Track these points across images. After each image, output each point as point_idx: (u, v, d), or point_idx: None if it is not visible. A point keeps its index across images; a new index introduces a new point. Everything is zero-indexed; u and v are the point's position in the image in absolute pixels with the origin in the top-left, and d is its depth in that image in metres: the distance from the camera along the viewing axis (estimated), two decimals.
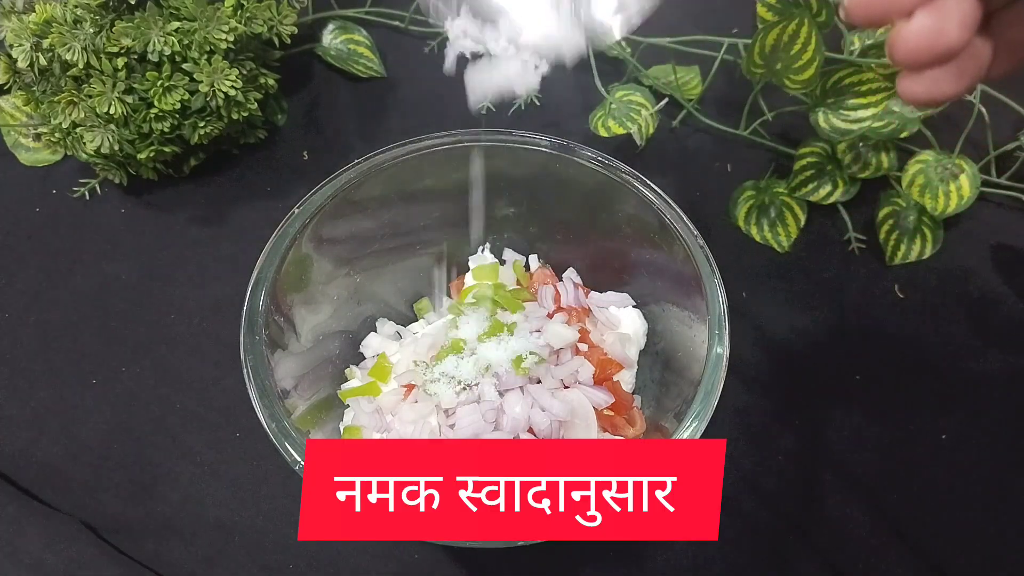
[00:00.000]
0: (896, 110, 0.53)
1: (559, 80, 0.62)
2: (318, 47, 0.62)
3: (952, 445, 0.50)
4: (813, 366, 0.52)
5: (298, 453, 0.36)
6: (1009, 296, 0.55)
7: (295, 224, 0.42)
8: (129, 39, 0.48)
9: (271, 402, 0.37)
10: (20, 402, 0.49)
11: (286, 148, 0.59)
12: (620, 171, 0.43)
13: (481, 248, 0.50)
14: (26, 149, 0.58)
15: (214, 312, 0.52)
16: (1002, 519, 0.47)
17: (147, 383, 0.50)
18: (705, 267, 0.40)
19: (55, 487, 0.47)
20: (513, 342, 0.42)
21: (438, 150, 0.44)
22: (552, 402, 0.41)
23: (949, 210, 0.54)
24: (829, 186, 0.57)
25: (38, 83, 0.51)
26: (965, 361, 0.52)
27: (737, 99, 0.61)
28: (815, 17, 0.51)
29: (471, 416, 0.41)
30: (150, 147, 0.51)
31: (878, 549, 0.46)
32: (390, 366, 0.45)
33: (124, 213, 0.56)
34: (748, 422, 0.50)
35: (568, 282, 0.48)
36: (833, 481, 0.48)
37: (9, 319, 0.52)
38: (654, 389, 0.45)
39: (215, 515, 0.46)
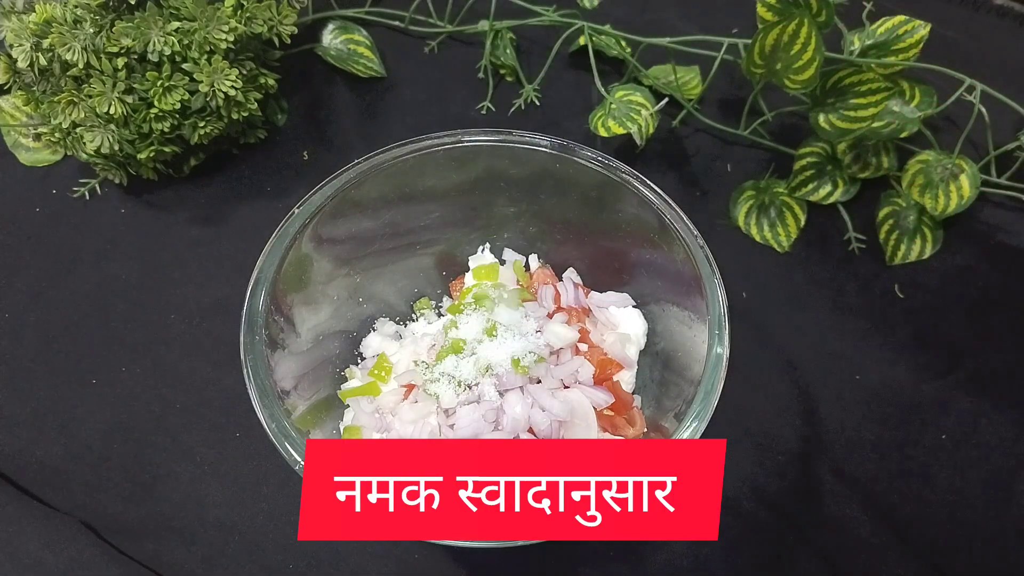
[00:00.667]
0: (896, 110, 0.53)
1: (559, 80, 0.63)
2: (318, 47, 0.62)
3: (952, 445, 0.50)
4: (813, 366, 0.52)
5: (298, 453, 0.36)
6: (1009, 296, 0.55)
7: (295, 224, 0.42)
8: (129, 39, 0.48)
9: (271, 402, 0.37)
10: (20, 402, 0.49)
11: (286, 148, 0.59)
12: (620, 171, 0.43)
13: (481, 248, 0.50)
14: (26, 149, 0.58)
15: (214, 312, 0.52)
16: (1002, 519, 0.47)
17: (147, 383, 0.50)
18: (705, 267, 0.40)
19: (55, 487, 0.47)
20: (513, 342, 0.42)
21: (438, 150, 0.44)
22: (552, 402, 0.41)
23: (949, 210, 0.54)
24: (829, 186, 0.57)
25: (38, 83, 0.51)
26: (965, 361, 0.52)
27: (737, 99, 0.61)
28: (815, 17, 0.51)
29: (471, 416, 0.41)
30: (150, 147, 0.51)
31: (878, 549, 0.46)
32: (390, 366, 0.45)
33: (124, 213, 0.56)
34: (748, 422, 0.50)
35: (568, 282, 0.48)
36: (833, 481, 0.48)
37: (9, 319, 0.52)
38: (654, 389, 0.45)
39: (215, 515, 0.46)
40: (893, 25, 0.53)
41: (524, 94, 0.61)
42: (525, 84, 0.61)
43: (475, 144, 0.44)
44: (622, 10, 0.64)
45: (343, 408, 0.45)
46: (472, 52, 0.63)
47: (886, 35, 0.53)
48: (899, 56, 0.53)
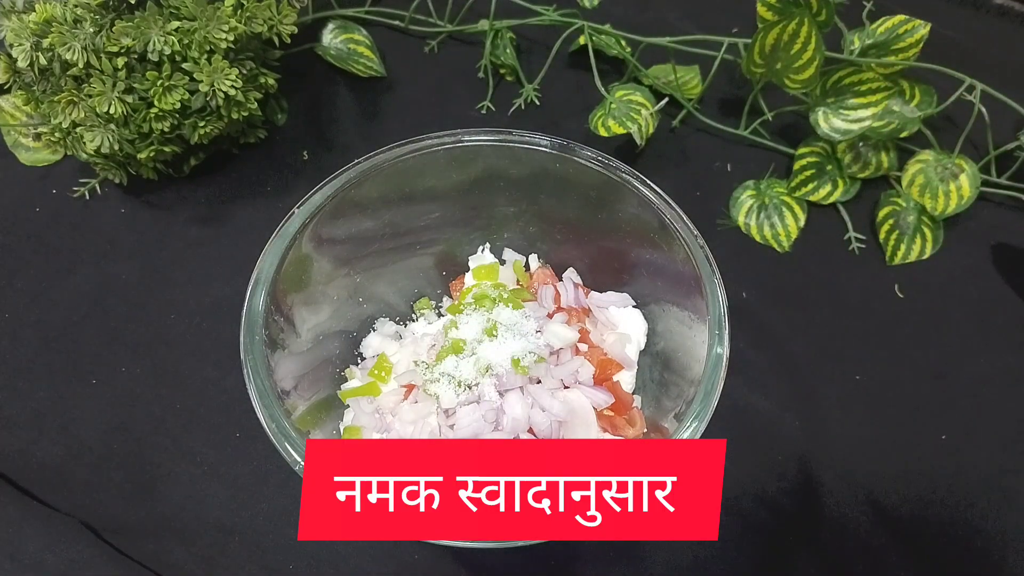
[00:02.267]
0: (896, 110, 0.53)
1: (559, 80, 0.63)
2: (318, 47, 0.62)
3: (952, 445, 0.50)
4: (813, 366, 0.52)
5: (298, 453, 0.36)
6: (1009, 296, 0.55)
7: (295, 224, 0.42)
8: (129, 39, 0.48)
9: (271, 402, 0.37)
10: (20, 402, 0.49)
11: (286, 148, 0.59)
12: (620, 171, 0.43)
13: (481, 248, 0.50)
14: (26, 149, 0.58)
15: (214, 312, 0.52)
16: (1002, 519, 0.47)
17: (147, 383, 0.50)
18: (705, 267, 0.40)
19: (55, 487, 0.47)
20: (513, 342, 0.42)
21: (438, 150, 0.44)
22: (552, 402, 0.41)
23: (949, 210, 0.55)
24: (829, 186, 0.57)
25: (38, 83, 0.51)
26: (965, 361, 0.52)
27: (737, 99, 0.61)
28: (815, 17, 0.51)
29: (471, 416, 0.41)
30: (150, 147, 0.51)
31: (878, 549, 0.46)
32: (390, 366, 0.45)
33: (124, 213, 0.56)
34: (748, 422, 0.50)
35: (568, 282, 0.48)
36: (833, 481, 0.48)
37: (9, 319, 0.52)
38: (654, 389, 0.45)
39: (215, 515, 0.46)
40: (893, 25, 0.53)
41: (524, 94, 0.61)
42: (525, 84, 0.61)
43: (475, 144, 0.44)
44: (622, 10, 0.64)
45: (343, 408, 0.45)
46: (472, 52, 0.63)
47: (886, 35, 0.53)
48: (899, 56, 0.53)
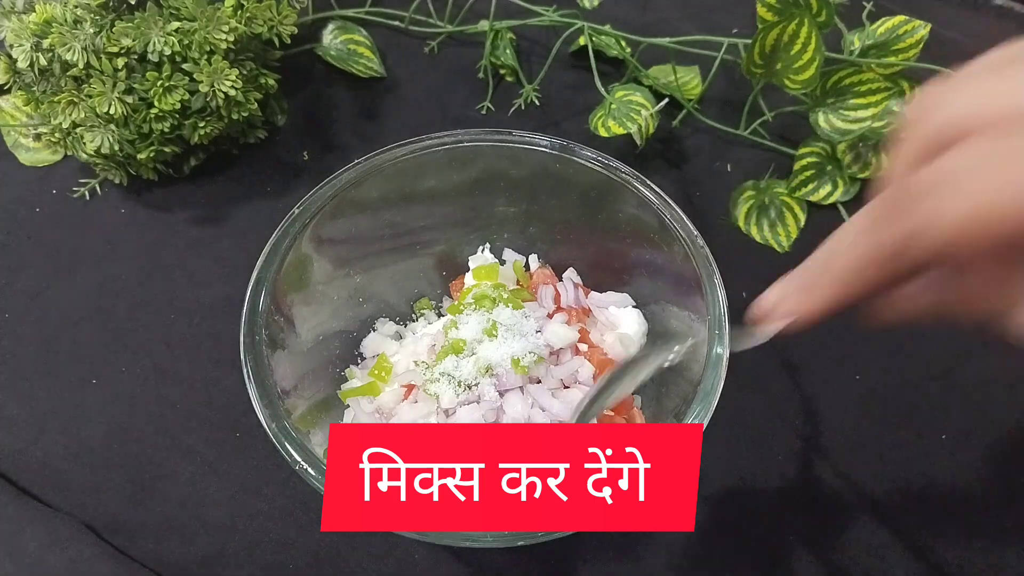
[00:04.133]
0: (896, 110, 0.53)
1: (559, 80, 0.63)
2: (318, 47, 0.62)
3: (952, 445, 0.50)
4: (813, 366, 0.52)
5: (298, 453, 0.36)
6: None
7: (295, 224, 0.42)
8: (129, 39, 0.48)
9: (271, 402, 0.37)
10: (20, 402, 0.49)
11: (286, 148, 0.59)
12: (620, 171, 0.43)
13: (481, 248, 0.50)
14: (26, 149, 0.58)
15: (214, 312, 0.52)
16: (1002, 519, 0.47)
17: (147, 383, 0.50)
18: (705, 267, 0.40)
19: (55, 487, 0.47)
20: (513, 342, 0.42)
21: (438, 150, 0.44)
22: (552, 402, 0.41)
23: None
24: (829, 186, 0.57)
25: (38, 83, 0.51)
26: (965, 361, 0.52)
27: (737, 99, 0.61)
28: (815, 17, 0.51)
29: (471, 416, 0.41)
30: (150, 147, 0.51)
31: (878, 549, 0.46)
32: (390, 366, 0.45)
33: (124, 213, 0.56)
34: (748, 422, 0.50)
35: (568, 282, 0.48)
36: (833, 481, 0.48)
37: (9, 319, 0.52)
38: (654, 389, 0.45)
39: (215, 515, 0.46)
40: (893, 25, 0.53)
41: (524, 94, 0.61)
42: (525, 84, 0.61)
43: (475, 144, 0.44)
44: (622, 10, 0.64)
45: (343, 408, 0.45)
46: (472, 52, 0.63)
47: (886, 35, 0.53)
48: (899, 56, 0.53)
